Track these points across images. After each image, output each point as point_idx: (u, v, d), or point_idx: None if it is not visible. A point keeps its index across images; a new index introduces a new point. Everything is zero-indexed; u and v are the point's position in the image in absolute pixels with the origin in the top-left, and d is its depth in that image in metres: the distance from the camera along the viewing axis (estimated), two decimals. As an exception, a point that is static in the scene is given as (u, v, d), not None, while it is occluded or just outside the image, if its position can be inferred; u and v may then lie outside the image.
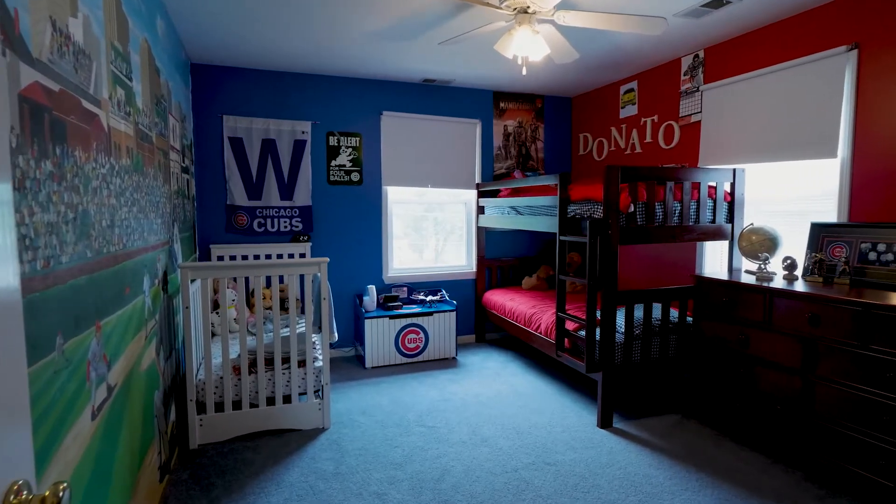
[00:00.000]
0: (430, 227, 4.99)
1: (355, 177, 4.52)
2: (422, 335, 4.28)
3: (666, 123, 3.96)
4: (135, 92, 2.15)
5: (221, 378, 2.85)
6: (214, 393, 2.82)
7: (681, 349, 3.20)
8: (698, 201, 3.16)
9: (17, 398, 0.69)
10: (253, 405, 2.89)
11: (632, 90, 4.31)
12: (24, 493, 0.65)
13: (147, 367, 2.17)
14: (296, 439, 2.86)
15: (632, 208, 2.97)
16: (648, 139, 4.15)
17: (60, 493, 0.66)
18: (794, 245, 3.04)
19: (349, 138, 4.47)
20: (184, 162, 3.44)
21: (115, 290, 1.76)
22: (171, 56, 3.08)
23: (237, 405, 2.87)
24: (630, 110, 4.34)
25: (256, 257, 4.17)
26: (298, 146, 4.29)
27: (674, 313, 3.37)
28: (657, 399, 3.44)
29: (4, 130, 0.68)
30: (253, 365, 2.91)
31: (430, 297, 4.53)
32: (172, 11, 2.98)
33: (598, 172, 4.63)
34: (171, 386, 2.65)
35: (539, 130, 5.15)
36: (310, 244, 4.35)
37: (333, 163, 4.44)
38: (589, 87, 4.81)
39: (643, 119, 4.19)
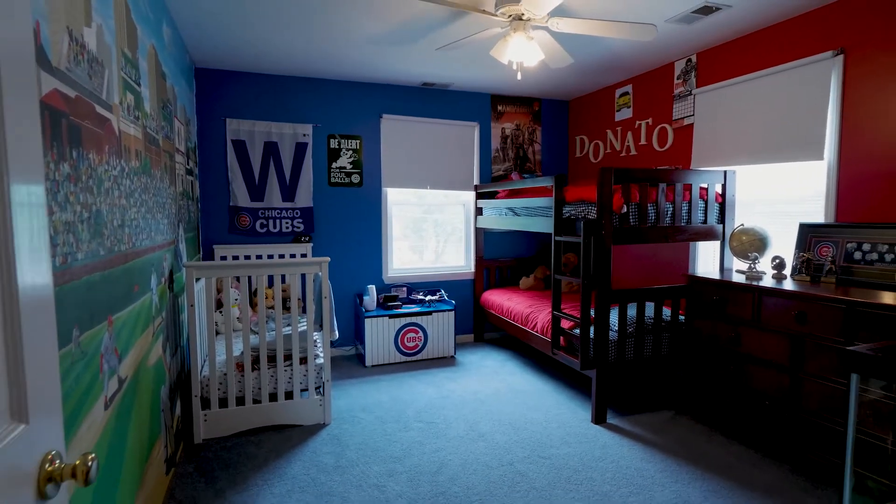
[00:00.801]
0: (430, 228, 5.07)
1: (355, 178, 4.60)
2: (421, 334, 4.35)
3: (660, 126, 4.03)
4: (143, 97, 2.23)
5: (225, 374, 2.92)
6: (218, 389, 2.90)
7: (673, 347, 3.28)
8: (690, 202, 3.23)
9: (51, 380, 0.76)
10: (256, 401, 2.96)
11: (627, 93, 4.39)
12: (57, 462, 0.73)
13: (154, 363, 2.24)
14: (297, 434, 2.93)
15: (625, 209, 3.04)
16: (643, 141, 4.23)
17: (89, 463, 0.73)
18: (785, 245, 3.11)
19: (349, 141, 4.56)
20: (188, 164, 3.52)
21: (126, 287, 1.83)
22: (176, 61, 3.16)
23: (240, 401, 2.95)
24: (625, 113, 4.42)
25: (259, 257, 4.25)
26: (300, 148, 4.37)
27: (666, 312, 3.44)
28: (650, 396, 3.52)
29: (37, 137, 0.75)
30: (256, 362, 2.98)
31: (429, 297, 4.61)
32: (178, 17, 3.06)
33: (594, 174, 4.71)
34: (176, 382, 2.72)
35: (536, 133, 5.23)
36: (311, 245, 4.43)
37: (334, 165, 4.52)
38: (585, 91, 4.89)
39: (638, 122, 4.27)
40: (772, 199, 3.29)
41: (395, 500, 2.28)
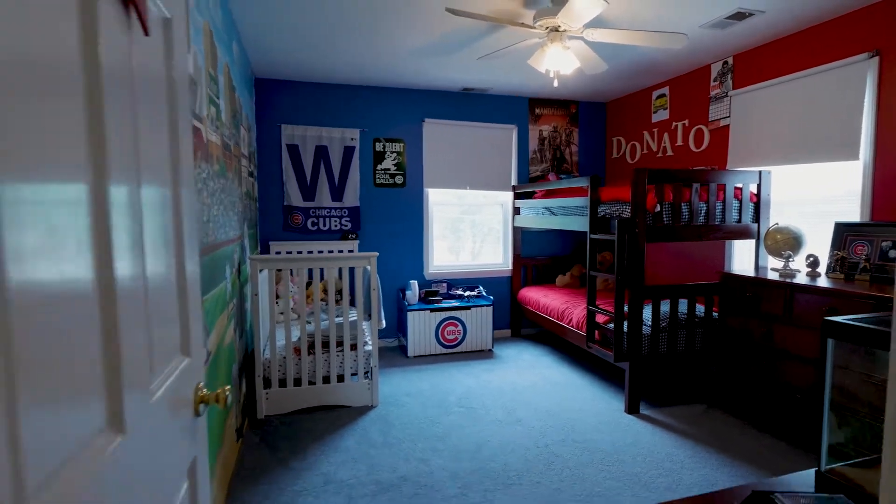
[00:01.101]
0: (468, 228, 5.29)
1: (399, 179, 4.86)
2: (460, 328, 4.57)
3: (696, 127, 4.11)
4: (221, 109, 2.54)
5: (284, 358, 3.23)
6: (278, 371, 3.20)
7: (707, 342, 3.37)
8: (724, 202, 3.32)
9: (199, 329, 1.02)
10: (311, 383, 3.25)
11: (663, 95, 4.48)
12: (205, 390, 0.98)
13: (228, 343, 2.54)
14: (348, 414, 3.20)
15: (658, 208, 3.16)
16: (679, 142, 4.30)
17: (227, 393, 0.98)
18: (820, 244, 3.16)
19: (393, 144, 4.83)
20: (250, 167, 3.86)
21: (210, 274, 2.13)
22: (241, 74, 3.49)
23: (297, 382, 3.24)
24: (662, 115, 4.51)
25: (309, 253, 4.57)
26: (348, 152, 4.67)
27: (700, 308, 3.53)
28: (684, 389, 3.61)
29: (191, 151, 1.01)
30: (311, 347, 3.27)
31: (468, 293, 4.82)
32: (244, 36, 3.39)
33: (630, 175, 4.80)
34: (242, 362, 3.04)
35: (573, 134, 5.37)
36: (357, 242, 4.73)
37: (379, 167, 4.80)
38: (622, 93, 4.99)
39: (674, 123, 4.35)
40: (807, 199, 3.33)
41: (439, 472, 2.50)
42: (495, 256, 5.34)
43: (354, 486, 2.38)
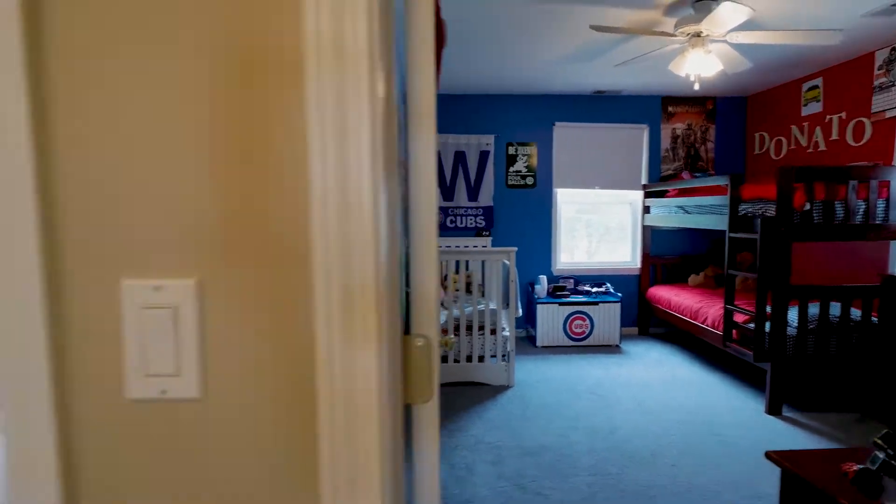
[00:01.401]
0: (593, 227, 5.43)
1: (529, 181, 5.16)
2: (587, 322, 4.74)
3: (855, 120, 3.84)
4: (394, 125, 3.05)
5: (433, 338, 3.70)
6: (428, 349, 3.69)
7: (863, 347, 3.19)
8: (888, 200, 3.12)
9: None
10: (456, 360, 3.70)
11: (816, 87, 4.22)
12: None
13: (396, 320, 3.06)
14: (487, 391, 3.59)
15: (807, 206, 3.09)
16: (834, 136, 4.04)
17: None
18: None
19: (525, 147, 5.14)
20: (402, 172, 4.43)
21: (392, 262, 2.63)
22: (399, 91, 4.05)
23: (444, 359, 3.70)
24: (813, 107, 4.25)
25: (448, 248, 5.06)
26: (483, 156, 5.08)
27: (855, 312, 3.34)
28: (834, 395, 3.44)
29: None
30: (456, 330, 3.72)
31: (595, 289, 4.97)
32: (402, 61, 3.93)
33: (774, 172, 4.58)
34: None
35: (709, 131, 5.22)
36: (490, 238, 5.12)
37: (511, 169, 5.14)
38: (766, 86, 4.76)
39: (828, 116, 4.09)
40: None
41: (576, 446, 2.77)
42: (621, 254, 5.41)
43: (501, 448, 2.74)
